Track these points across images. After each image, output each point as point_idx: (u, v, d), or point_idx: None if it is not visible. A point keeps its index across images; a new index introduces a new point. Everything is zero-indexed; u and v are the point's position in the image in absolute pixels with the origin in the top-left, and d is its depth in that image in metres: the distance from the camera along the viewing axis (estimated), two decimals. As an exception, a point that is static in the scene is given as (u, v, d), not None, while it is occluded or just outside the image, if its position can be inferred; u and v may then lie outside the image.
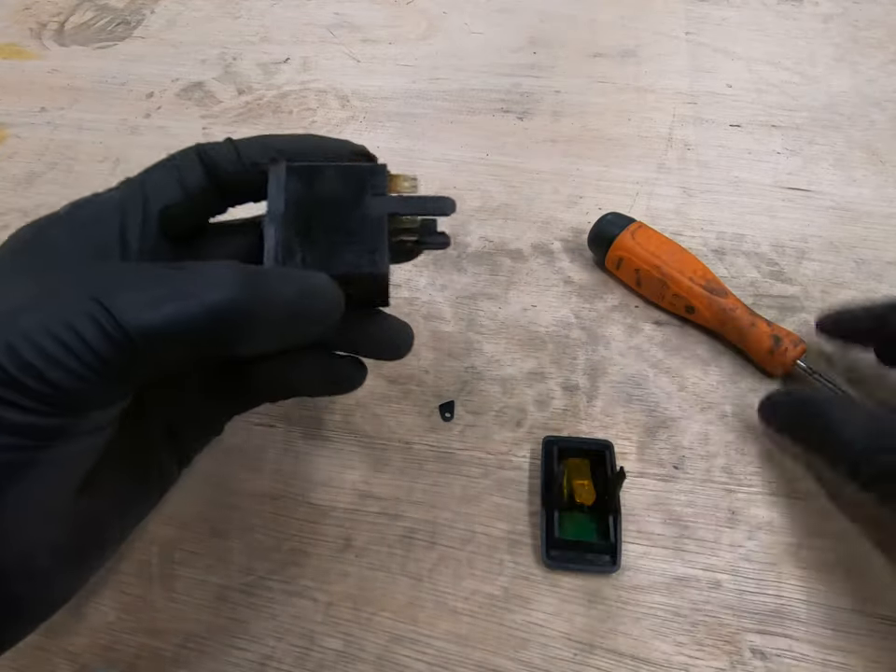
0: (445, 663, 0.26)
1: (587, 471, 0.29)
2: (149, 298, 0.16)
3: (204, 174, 0.22)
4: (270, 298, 0.18)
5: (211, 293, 0.17)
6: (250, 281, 0.17)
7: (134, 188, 0.22)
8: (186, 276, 0.17)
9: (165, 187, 0.22)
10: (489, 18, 0.55)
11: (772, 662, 0.26)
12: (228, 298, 0.17)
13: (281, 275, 0.19)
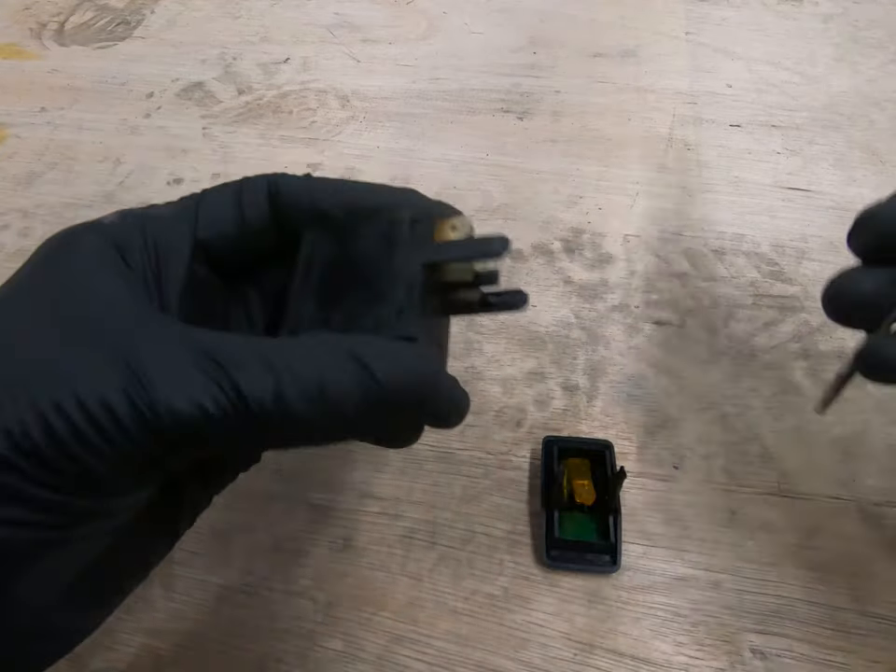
0: (445, 663, 0.26)
1: (587, 471, 0.29)
2: (194, 383, 0.15)
3: (269, 209, 0.20)
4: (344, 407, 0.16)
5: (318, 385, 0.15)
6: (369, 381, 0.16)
7: (189, 209, 0.20)
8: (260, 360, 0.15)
9: (221, 215, 0.20)
10: (489, 18, 0.55)
11: (772, 662, 0.26)
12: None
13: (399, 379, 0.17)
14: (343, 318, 0.18)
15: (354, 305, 0.19)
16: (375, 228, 0.20)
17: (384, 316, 0.18)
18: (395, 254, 0.19)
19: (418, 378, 0.17)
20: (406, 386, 0.17)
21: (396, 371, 0.17)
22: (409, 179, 0.43)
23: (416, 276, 0.19)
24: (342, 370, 0.16)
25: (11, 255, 0.40)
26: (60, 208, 0.43)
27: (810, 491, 0.30)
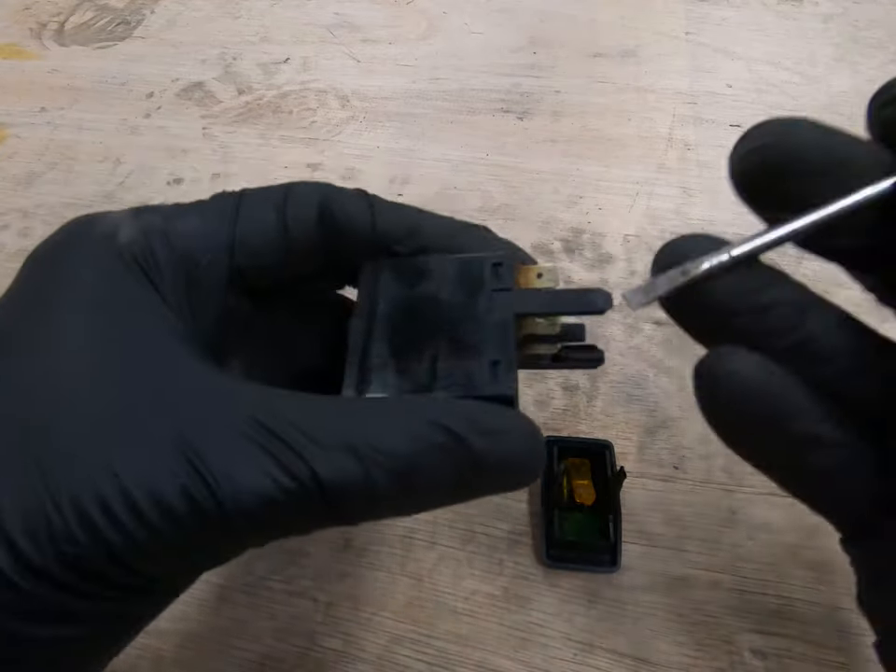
0: (445, 663, 0.26)
1: (587, 471, 0.29)
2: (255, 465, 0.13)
3: (318, 229, 0.18)
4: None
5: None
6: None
7: (222, 226, 0.17)
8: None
9: (262, 237, 0.17)
10: (489, 18, 0.55)
11: (772, 662, 0.26)
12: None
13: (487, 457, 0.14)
14: (426, 372, 0.16)
15: (436, 356, 0.16)
16: (451, 268, 0.18)
17: (476, 372, 0.16)
18: (479, 300, 0.17)
19: (523, 455, 0.15)
20: (509, 463, 0.15)
21: (499, 448, 0.15)
22: (409, 179, 0.43)
23: (509, 326, 0.16)
24: (437, 447, 0.14)
25: (11, 255, 0.40)
26: (60, 208, 0.43)
27: (810, 491, 0.30)
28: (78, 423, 0.13)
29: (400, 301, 0.17)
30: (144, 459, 0.13)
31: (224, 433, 0.13)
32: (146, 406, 0.14)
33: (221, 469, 0.13)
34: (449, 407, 0.15)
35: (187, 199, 0.18)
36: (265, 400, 0.14)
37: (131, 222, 0.17)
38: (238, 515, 0.13)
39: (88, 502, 0.12)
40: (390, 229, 0.18)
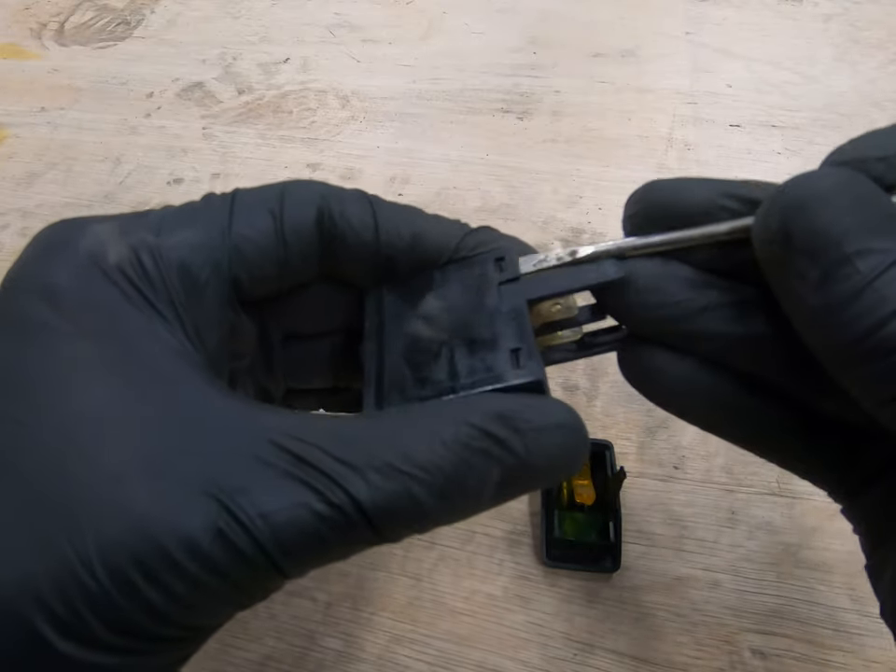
0: (445, 663, 0.26)
1: (587, 471, 0.29)
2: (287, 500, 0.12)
3: (317, 235, 0.17)
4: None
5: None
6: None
7: (217, 225, 0.16)
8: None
9: (257, 238, 0.16)
10: (489, 18, 0.55)
11: (772, 662, 0.26)
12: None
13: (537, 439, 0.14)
14: (446, 374, 0.15)
15: (453, 358, 0.15)
16: (454, 274, 0.17)
17: (498, 363, 0.15)
18: (487, 296, 0.16)
19: (567, 445, 0.14)
20: (554, 455, 0.14)
21: (542, 445, 0.14)
22: (409, 179, 0.43)
23: (522, 313, 0.16)
24: (477, 453, 0.13)
25: (11, 255, 0.40)
26: (60, 208, 0.43)
27: (810, 491, 0.29)
28: (101, 475, 0.13)
29: (409, 315, 0.17)
30: (173, 507, 0.12)
31: (252, 467, 0.13)
32: (168, 448, 0.13)
33: (255, 506, 0.12)
34: (479, 405, 0.14)
35: (187, 199, 0.17)
36: (289, 425, 0.13)
37: (118, 239, 0.15)
38: (278, 552, 0.12)
39: (123, 563, 0.12)
40: (392, 236, 0.17)
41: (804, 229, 0.13)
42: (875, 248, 0.12)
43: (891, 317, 0.12)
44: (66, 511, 0.12)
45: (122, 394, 0.13)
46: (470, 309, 0.16)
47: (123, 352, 0.14)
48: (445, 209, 0.41)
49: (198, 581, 0.12)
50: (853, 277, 0.12)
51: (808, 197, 0.13)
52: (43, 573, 0.12)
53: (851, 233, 0.12)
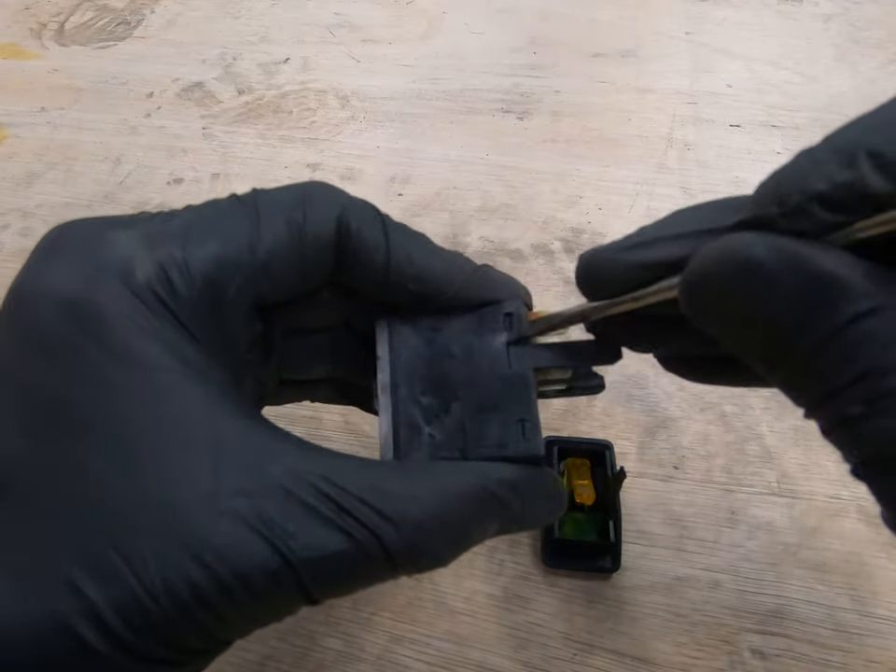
0: (445, 663, 0.26)
1: (587, 471, 0.29)
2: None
3: (334, 250, 0.17)
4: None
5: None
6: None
7: (244, 238, 0.16)
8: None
9: (282, 252, 0.16)
10: (489, 18, 0.55)
11: (772, 662, 0.26)
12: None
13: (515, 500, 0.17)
14: (459, 434, 0.17)
15: (466, 417, 0.17)
16: (465, 322, 0.18)
17: (505, 433, 0.17)
18: (496, 354, 0.18)
19: (552, 509, 0.18)
20: (541, 515, 0.18)
21: (534, 507, 0.18)
22: (409, 179, 0.43)
23: (530, 381, 0.17)
24: (487, 513, 0.16)
25: (11, 255, 0.40)
26: (60, 208, 0.43)
27: (810, 491, 0.30)
28: (153, 506, 0.14)
29: (421, 361, 0.18)
30: (232, 544, 0.14)
31: (299, 512, 0.14)
32: (223, 486, 0.14)
33: (301, 550, 0.14)
34: (492, 472, 0.16)
35: (187, 199, 0.18)
36: (329, 469, 0.15)
37: (145, 253, 0.15)
38: (316, 589, 0.14)
39: (184, 592, 0.13)
40: (403, 263, 0.18)
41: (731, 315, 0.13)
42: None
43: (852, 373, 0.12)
44: (122, 541, 0.13)
45: (168, 433, 0.14)
46: (481, 366, 0.18)
47: (165, 386, 0.14)
48: (445, 209, 0.41)
49: (245, 608, 0.14)
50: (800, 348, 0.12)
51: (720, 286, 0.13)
52: (105, 599, 0.13)
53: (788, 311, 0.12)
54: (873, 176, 0.11)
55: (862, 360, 0.12)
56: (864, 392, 0.12)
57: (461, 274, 0.18)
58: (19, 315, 0.15)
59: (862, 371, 0.12)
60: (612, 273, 0.16)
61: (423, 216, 0.41)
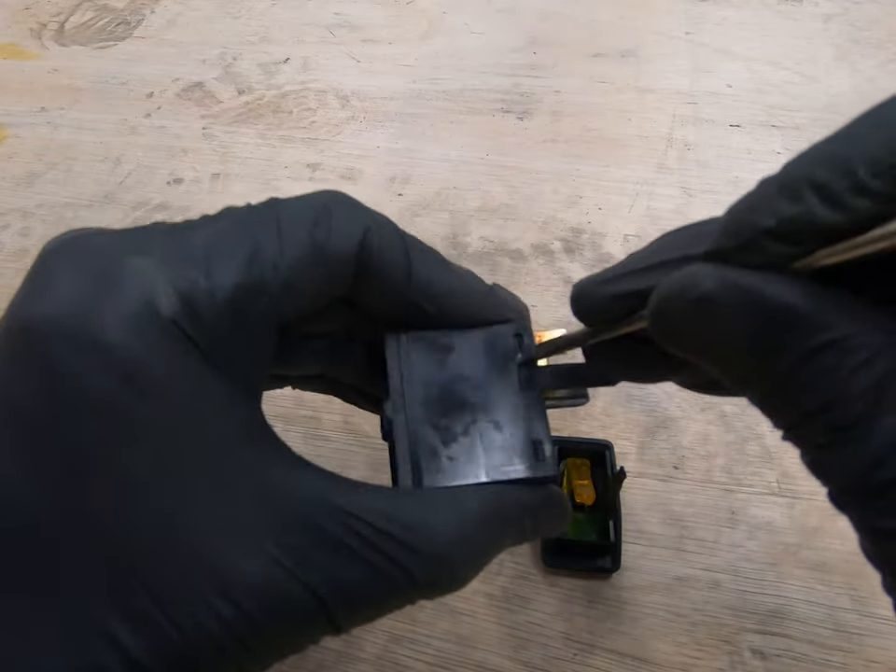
0: (445, 663, 0.26)
1: (587, 471, 0.29)
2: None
3: (354, 268, 0.17)
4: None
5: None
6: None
7: (268, 259, 0.15)
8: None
9: (306, 269, 0.16)
10: (489, 18, 0.55)
11: (772, 662, 0.26)
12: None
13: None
14: (474, 458, 0.17)
15: (480, 440, 0.18)
16: (476, 342, 0.19)
17: (523, 454, 0.18)
18: (507, 375, 0.18)
19: (560, 524, 0.19)
20: (548, 530, 0.19)
21: (544, 524, 0.19)
22: (409, 179, 0.43)
23: (539, 404, 0.18)
24: (503, 535, 0.17)
25: (11, 255, 0.40)
26: (60, 208, 0.43)
27: (810, 491, 0.29)
28: (181, 547, 0.14)
29: (433, 381, 0.18)
30: (254, 577, 0.14)
31: (322, 542, 0.14)
32: (244, 519, 0.14)
33: (328, 579, 0.14)
34: (508, 498, 0.17)
35: (187, 199, 0.17)
36: (359, 504, 0.15)
37: (166, 282, 0.14)
38: (341, 617, 0.15)
39: (214, 630, 0.13)
40: (423, 285, 0.18)
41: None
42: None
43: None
44: (160, 585, 0.13)
45: (193, 469, 0.14)
46: (493, 387, 0.18)
47: (193, 426, 0.14)
48: (445, 209, 0.41)
49: (275, 643, 0.14)
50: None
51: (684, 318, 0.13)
52: (141, 647, 0.13)
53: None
54: (820, 209, 0.11)
55: (823, 392, 0.11)
56: (830, 422, 0.12)
57: (477, 295, 0.19)
58: (28, 349, 0.14)
59: (825, 402, 0.11)
60: (593, 304, 0.16)
61: (423, 216, 0.41)
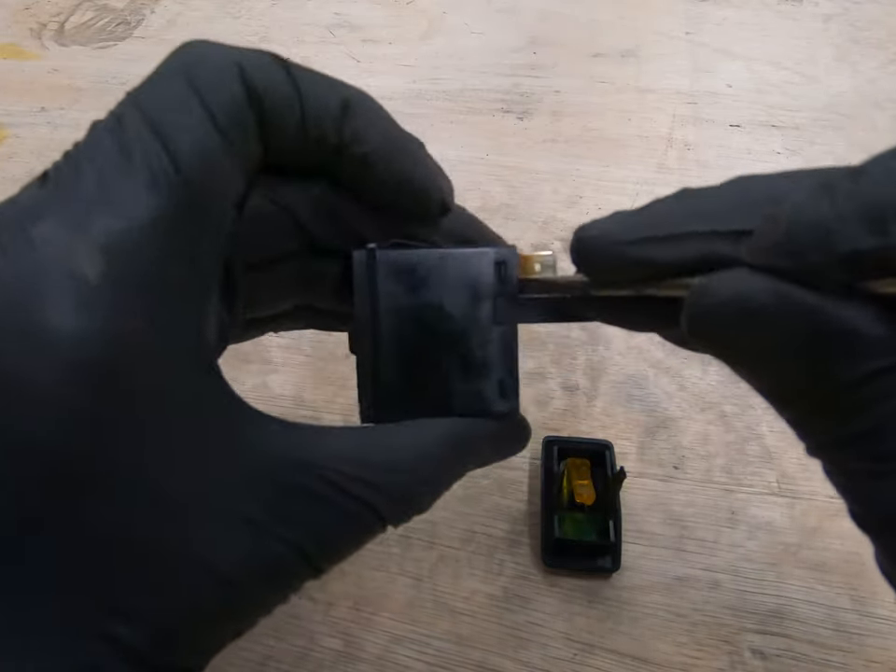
0: (445, 663, 0.26)
1: (587, 471, 0.29)
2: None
3: (258, 133, 0.15)
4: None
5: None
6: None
7: (166, 166, 0.13)
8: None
9: (212, 163, 0.14)
10: (489, 18, 0.55)
11: (772, 662, 0.26)
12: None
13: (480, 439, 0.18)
14: (440, 394, 0.18)
15: (448, 375, 0.18)
16: (452, 266, 0.17)
17: (488, 392, 0.18)
18: (482, 307, 0.17)
19: (518, 448, 0.20)
20: (508, 454, 0.20)
21: (504, 450, 0.20)
22: (409, 179, 0.43)
23: (514, 341, 0.18)
24: (461, 462, 0.18)
25: (11, 255, 0.40)
26: (60, 208, 0.43)
27: (810, 491, 0.30)
28: (157, 520, 0.14)
29: (403, 311, 0.17)
30: (236, 542, 0.14)
31: (297, 494, 0.15)
32: (219, 487, 0.14)
33: (306, 531, 0.15)
34: (468, 429, 0.18)
35: None
36: (318, 450, 0.15)
37: (82, 247, 0.13)
38: (321, 561, 0.15)
39: (204, 604, 0.14)
40: (319, 108, 0.16)
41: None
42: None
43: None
44: (145, 569, 0.13)
45: (176, 448, 0.14)
46: (466, 319, 0.17)
47: (147, 399, 0.13)
48: (445, 209, 0.41)
49: (262, 600, 0.15)
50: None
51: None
52: (137, 636, 0.13)
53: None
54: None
55: (873, 417, 0.11)
56: (873, 449, 0.11)
57: (393, 146, 0.17)
58: None
59: (872, 428, 0.11)
60: (605, 262, 0.15)
61: (423, 216, 0.41)
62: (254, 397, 0.34)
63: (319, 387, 0.34)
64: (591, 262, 0.16)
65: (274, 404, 0.33)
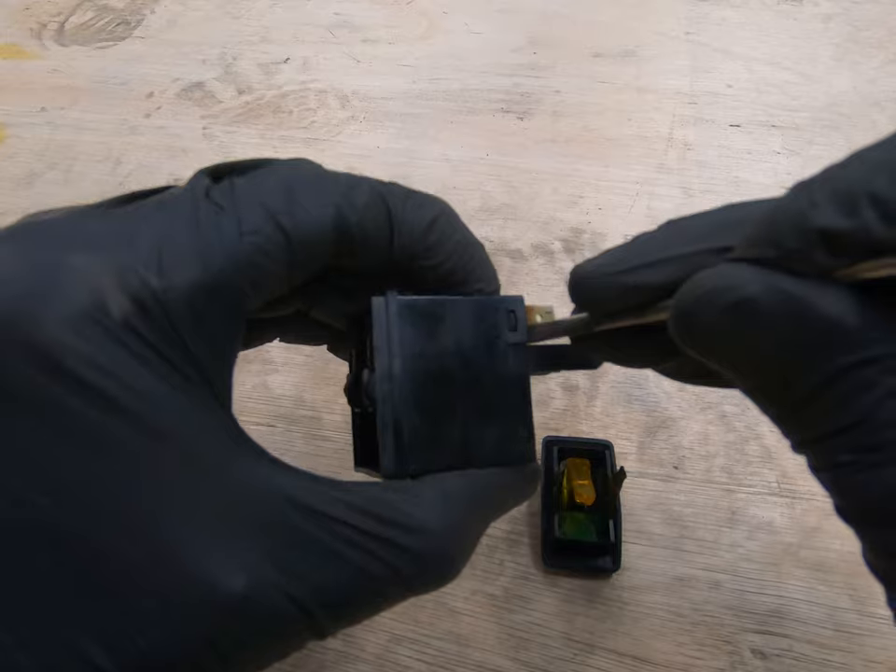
0: (445, 663, 0.26)
1: (587, 471, 0.29)
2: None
3: (332, 248, 0.16)
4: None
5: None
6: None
7: (225, 249, 0.14)
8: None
9: (270, 262, 0.15)
10: (489, 18, 0.55)
11: (772, 662, 0.26)
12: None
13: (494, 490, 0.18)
14: (459, 443, 0.17)
15: (470, 426, 0.17)
16: (466, 313, 0.18)
17: (503, 442, 0.18)
18: (496, 353, 0.18)
19: (532, 493, 0.20)
20: (522, 501, 0.20)
21: (524, 497, 0.20)
22: (409, 179, 0.43)
23: (527, 386, 0.18)
24: (489, 518, 0.18)
25: (11, 255, 0.40)
26: (60, 208, 0.43)
27: (810, 491, 0.30)
28: (154, 558, 0.13)
29: (421, 356, 0.17)
30: (234, 588, 0.13)
31: (307, 546, 0.14)
32: (222, 529, 0.14)
33: (311, 584, 0.14)
34: (493, 482, 0.18)
35: None
36: (334, 501, 0.14)
37: (115, 285, 0.13)
38: (327, 624, 0.14)
39: (191, 641, 0.13)
40: (405, 252, 0.17)
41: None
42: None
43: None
44: (135, 599, 0.13)
45: (165, 474, 0.13)
46: (481, 365, 0.18)
47: (155, 435, 0.13)
48: (445, 209, 0.41)
49: (257, 653, 0.14)
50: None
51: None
52: (117, 665, 0.13)
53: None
54: (876, 225, 0.11)
55: (857, 409, 0.11)
56: (856, 442, 0.11)
57: (461, 258, 0.18)
58: None
59: (856, 420, 0.11)
60: (600, 294, 0.16)
61: (423, 216, 0.41)
62: (254, 397, 0.34)
63: (319, 388, 0.34)
64: (589, 295, 0.16)
65: (275, 404, 0.33)
